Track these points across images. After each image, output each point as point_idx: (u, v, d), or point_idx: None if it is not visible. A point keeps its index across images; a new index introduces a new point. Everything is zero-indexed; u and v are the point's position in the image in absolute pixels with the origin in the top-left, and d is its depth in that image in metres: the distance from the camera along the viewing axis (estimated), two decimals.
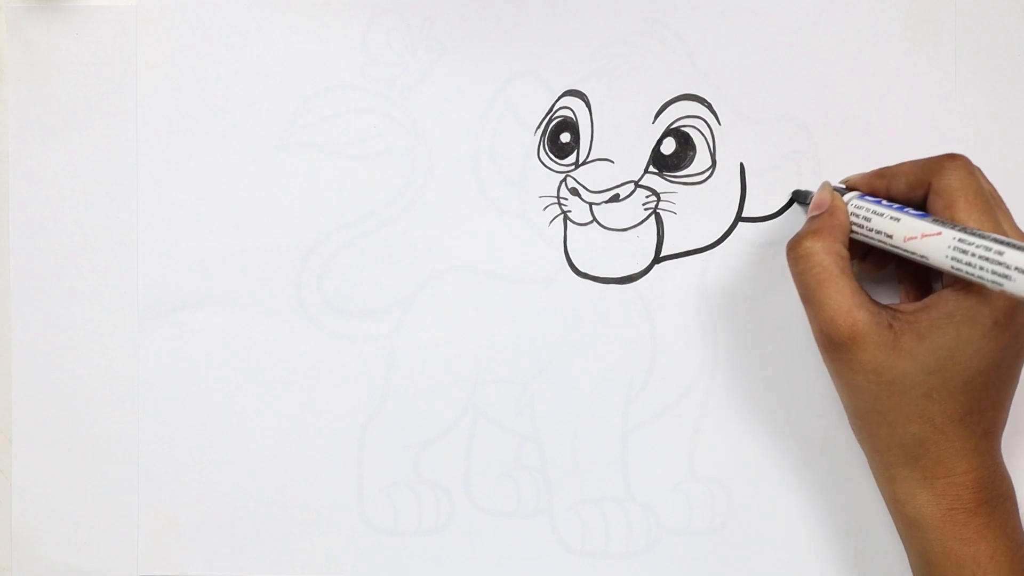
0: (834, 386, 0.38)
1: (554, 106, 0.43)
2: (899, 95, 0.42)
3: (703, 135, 0.42)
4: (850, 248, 0.38)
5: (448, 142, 0.43)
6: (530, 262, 0.43)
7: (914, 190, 0.37)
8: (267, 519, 0.44)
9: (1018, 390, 0.39)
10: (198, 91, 0.44)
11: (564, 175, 0.43)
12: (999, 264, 0.32)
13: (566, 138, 0.43)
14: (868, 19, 0.42)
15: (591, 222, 0.43)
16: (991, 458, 0.36)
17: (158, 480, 0.44)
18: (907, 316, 0.35)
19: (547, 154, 0.43)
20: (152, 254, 0.44)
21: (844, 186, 0.40)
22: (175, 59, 0.44)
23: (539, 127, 0.43)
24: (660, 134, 0.42)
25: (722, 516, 0.43)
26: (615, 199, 0.43)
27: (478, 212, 0.43)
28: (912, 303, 0.36)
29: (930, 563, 0.36)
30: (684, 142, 0.42)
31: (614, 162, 0.43)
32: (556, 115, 0.43)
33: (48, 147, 0.44)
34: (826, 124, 0.42)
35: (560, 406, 0.43)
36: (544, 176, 0.43)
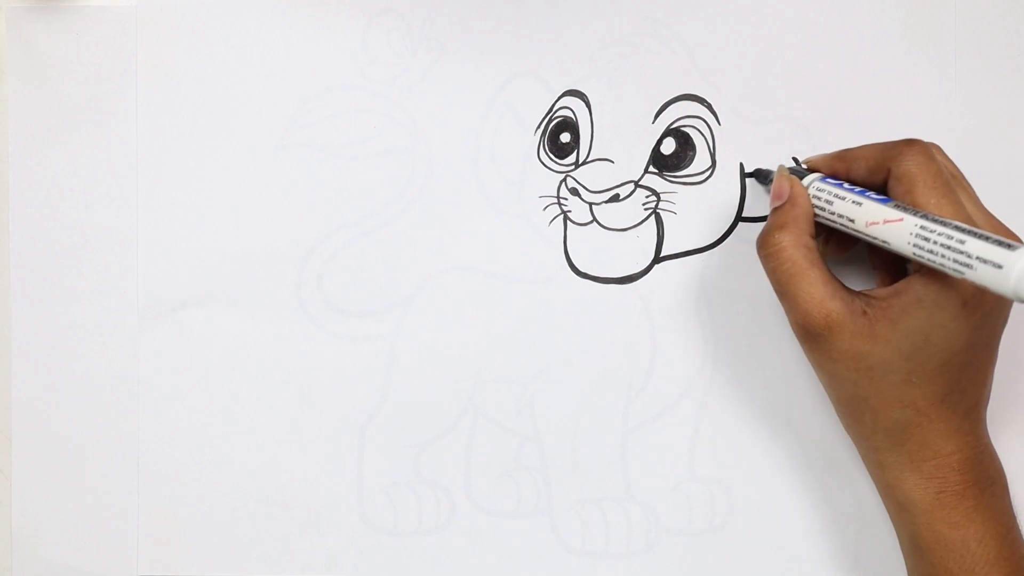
0: (816, 377, 0.38)
1: (554, 106, 0.43)
2: (899, 95, 0.42)
3: (703, 135, 0.42)
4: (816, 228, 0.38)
5: (448, 142, 0.43)
6: (530, 262, 0.43)
7: (874, 174, 0.37)
8: (267, 519, 0.44)
9: (1010, 377, 0.39)
10: (198, 91, 0.44)
11: (564, 175, 0.43)
12: (960, 253, 0.32)
13: (566, 138, 0.43)
14: (868, 19, 0.42)
15: (591, 222, 0.43)
16: (976, 438, 0.37)
17: (158, 480, 0.44)
18: (880, 302, 0.35)
19: (547, 154, 0.43)
20: (152, 254, 0.44)
21: (805, 167, 0.39)
22: (175, 59, 0.44)
23: (539, 127, 0.43)
24: (660, 134, 0.42)
25: (722, 516, 0.43)
26: (615, 199, 0.43)
27: (478, 212, 0.43)
28: (884, 288, 0.36)
29: (920, 547, 0.37)
30: (684, 142, 0.42)
31: (614, 162, 0.43)
32: (556, 115, 0.43)
33: (48, 147, 0.44)
34: (826, 124, 0.42)
35: (560, 406, 0.43)
36: (544, 176, 0.43)
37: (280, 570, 0.44)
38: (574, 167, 0.43)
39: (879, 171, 0.37)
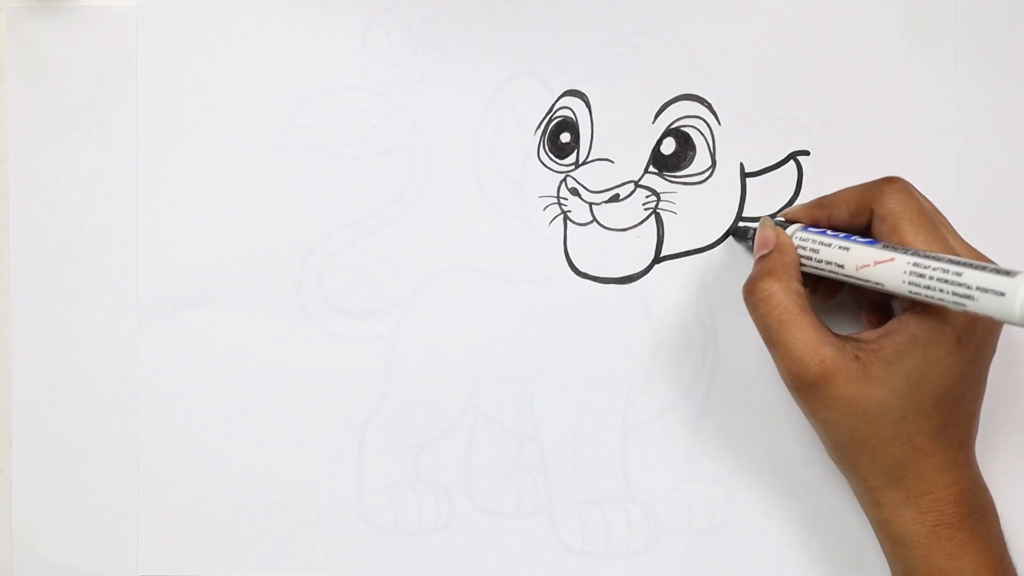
0: (810, 424, 0.38)
1: (554, 106, 0.43)
2: (899, 95, 0.42)
3: (703, 135, 0.42)
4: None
5: (448, 142, 0.43)
6: (530, 262, 0.43)
7: (856, 217, 0.37)
8: (267, 519, 0.44)
9: (996, 405, 0.39)
10: (198, 91, 0.44)
11: (564, 175, 0.43)
12: (959, 285, 0.32)
13: (566, 138, 0.43)
14: (868, 19, 0.42)
15: (591, 222, 0.43)
16: (969, 470, 0.37)
17: (158, 480, 0.44)
18: (871, 344, 0.35)
19: (547, 154, 0.43)
20: (152, 254, 0.44)
21: (784, 219, 0.40)
22: (175, 59, 0.44)
23: (539, 127, 0.43)
24: (660, 134, 0.42)
25: (722, 516, 0.43)
26: (615, 199, 0.43)
27: (478, 212, 0.43)
28: (874, 330, 0.36)
29: None
30: (684, 142, 0.42)
31: (614, 162, 0.43)
32: (556, 115, 0.43)
33: (48, 147, 0.44)
34: (826, 124, 0.42)
35: (560, 406, 0.43)
36: (544, 176, 0.43)
37: (280, 570, 0.44)
38: (574, 167, 0.43)
39: (861, 213, 0.37)
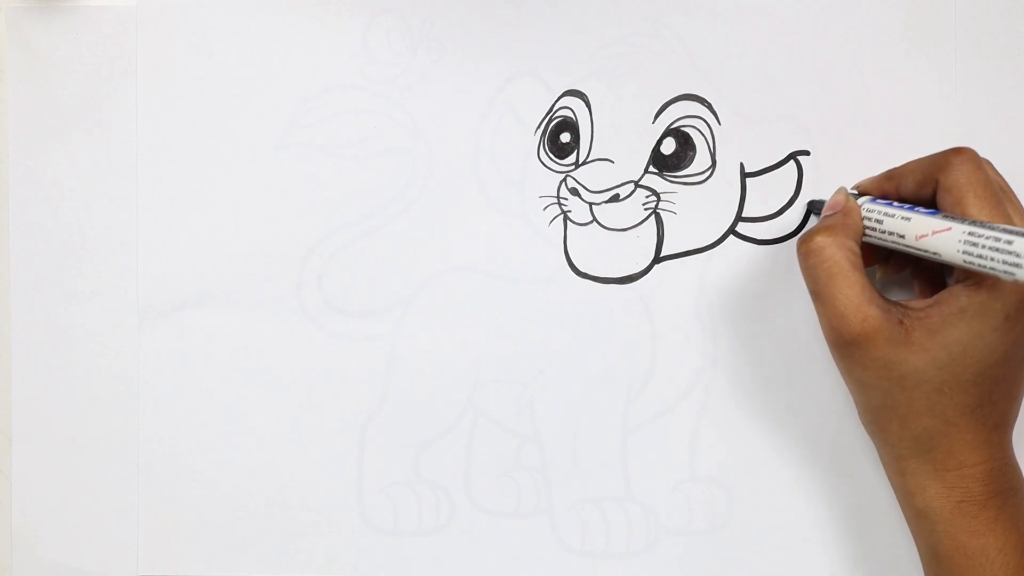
0: (844, 382, 0.38)
1: (554, 106, 0.43)
2: (899, 95, 0.42)
3: (703, 135, 0.42)
4: (871, 254, 0.38)
5: (448, 142, 0.43)
6: (530, 262, 0.43)
7: (923, 188, 0.37)
8: (267, 519, 0.44)
9: None
10: (198, 91, 0.44)
11: (564, 175, 0.43)
12: (1009, 253, 0.32)
13: (566, 138, 0.43)
14: (868, 19, 0.42)
15: (591, 222, 0.43)
16: (1002, 451, 0.36)
17: (158, 480, 0.44)
18: (918, 312, 0.35)
19: (547, 154, 0.43)
20: (152, 254, 0.44)
21: (856, 192, 0.40)
22: (175, 59, 0.44)
23: (539, 127, 0.43)
24: (660, 134, 0.42)
25: (722, 516, 0.43)
26: (615, 199, 0.43)
27: (478, 212, 0.43)
28: (923, 300, 0.36)
29: (939, 556, 0.36)
30: (684, 142, 0.42)
31: (614, 162, 0.43)
32: (556, 115, 0.43)
33: (48, 147, 0.44)
34: (826, 124, 0.42)
35: (560, 406, 0.43)
36: (544, 176, 0.43)
37: (280, 570, 0.44)
38: (574, 167, 0.43)
39: (928, 183, 0.36)
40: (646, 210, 0.43)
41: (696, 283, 0.43)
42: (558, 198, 0.43)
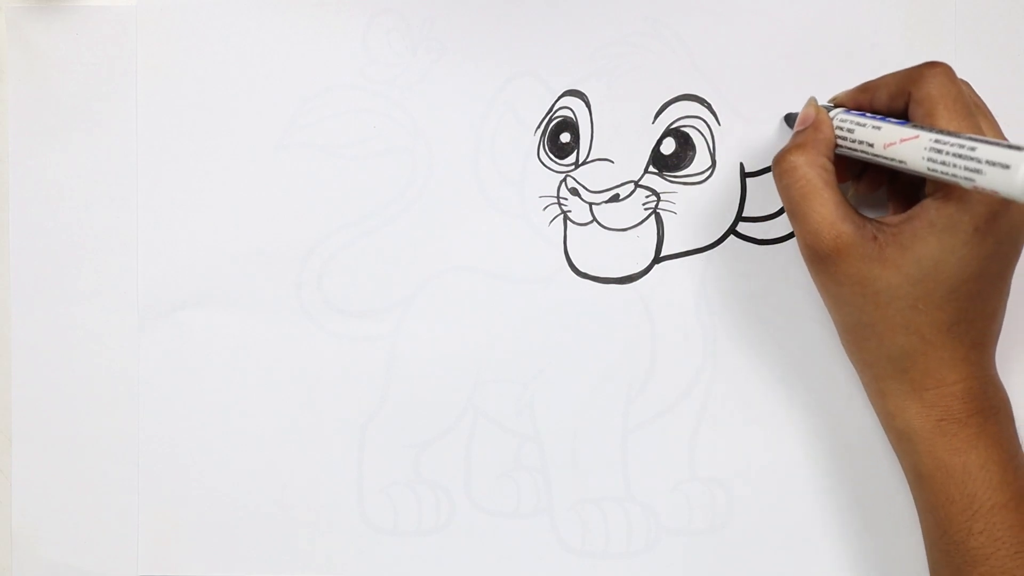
0: (823, 301, 0.38)
1: (554, 106, 0.43)
2: None
3: (703, 135, 0.42)
4: (844, 170, 0.38)
5: (448, 142, 0.43)
6: (530, 262, 0.43)
7: (895, 100, 0.37)
8: (267, 519, 0.44)
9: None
10: (198, 91, 0.44)
11: (564, 175, 0.43)
12: (971, 159, 0.31)
13: (566, 138, 0.43)
14: (868, 19, 0.42)
15: (591, 222, 0.43)
16: (981, 369, 0.36)
17: (158, 480, 0.44)
18: (891, 228, 0.35)
19: (547, 154, 0.43)
20: (152, 254, 0.44)
21: (832, 104, 0.40)
22: (175, 59, 0.44)
23: (539, 127, 0.43)
24: (660, 134, 0.42)
25: (722, 516, 0.43)
26: (615, 199, 0.43)
27: (478, 212, 0.43)
28: (897, 215, 0.36)
29: (921, 475, 0.36)
30: (684, 142, 0.42)
31: (614, 162, 0.43)
32: (556, 115, 0.43)
33: (48, 147, 0.44)
34: None
35: (560, 406, 0.43)
36: (544, 176, 0.43)
37: (280, 570, 0.44)
38: (574, 167, 0.43)
39: (900, 96, 0.36)
40: (646, 210, 0.43)
41: (696, 283, 0.43)
42: (558, 198, 0.43)
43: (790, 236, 0.42)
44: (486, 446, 0.43)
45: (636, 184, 0.43)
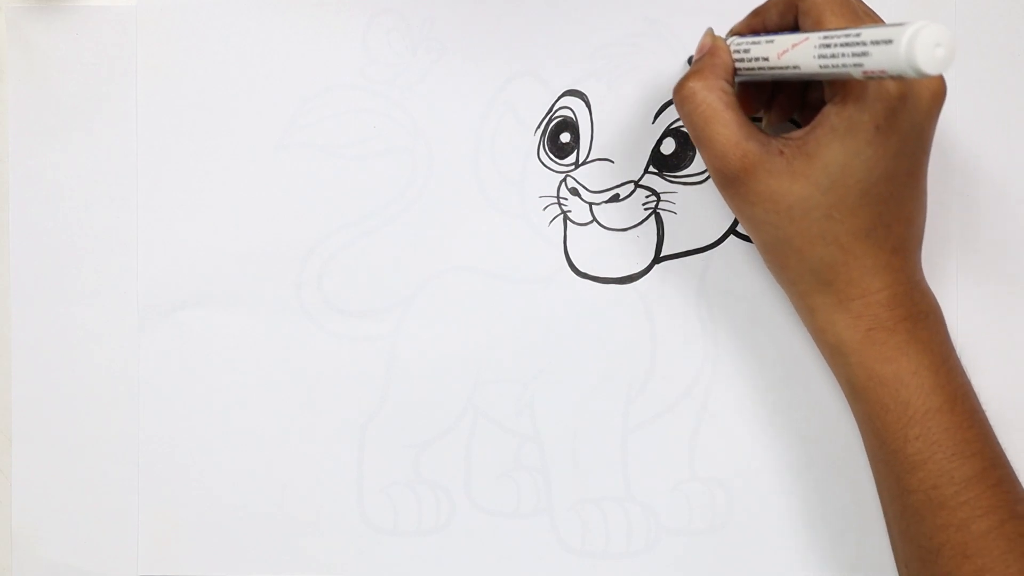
0: (742, 225, 0.38)
1: (554, 106, 0.43)
2: None
3: None
4: (751, 100, 0.38)
5: (448, 142, 0.43)
6: (530, 262, 0.43)
7: (785, 17, 0.37)
8: (267, 519, 0.44)
9: None
10: (198, 91, 0.44)
11: (564, 175, 0.43)
12: (857, 44, 0.31)
13: (566, 138, 0.43)
14: None
15: (591, 222, 0.43)
16: (906, 275, 0.36)
17: (158, 480, 0.44)
18: (796, 141, 0.35)
19: (547, 154, 0.43)
20: (152, 254, 0.44)
21: (729, 34, 0.40)
22: (175, 59, 0.44)
23: (539, 127, 0.43)
24: (660, 134, 0.42)
25: (722, 516, 0.43)
26: (615, 199, 0.43)
27: (478, 212, 0.43)
28: (800, 129, 0.36)
29: (855, 387, 0.36)
30: (684, 142, 0.42)
31: (614, 162, 0.43)
32: (556, 115, 0.43)
33: (48, 147, 0.44)
34: None
35: (560, 406, 0.43)
36: (544, 176, 0.43)
37: (280, 570, 0.44)
38: (574, 167, 0.43)
39: (789, 11, 0.36)
40: (646, 210, 0.43)
41: (696, 283, 0.43)
42: (558, 198, 0.43)
43: None
44: (486, 446, 0.43)
45: (636, 184, 0.43)
